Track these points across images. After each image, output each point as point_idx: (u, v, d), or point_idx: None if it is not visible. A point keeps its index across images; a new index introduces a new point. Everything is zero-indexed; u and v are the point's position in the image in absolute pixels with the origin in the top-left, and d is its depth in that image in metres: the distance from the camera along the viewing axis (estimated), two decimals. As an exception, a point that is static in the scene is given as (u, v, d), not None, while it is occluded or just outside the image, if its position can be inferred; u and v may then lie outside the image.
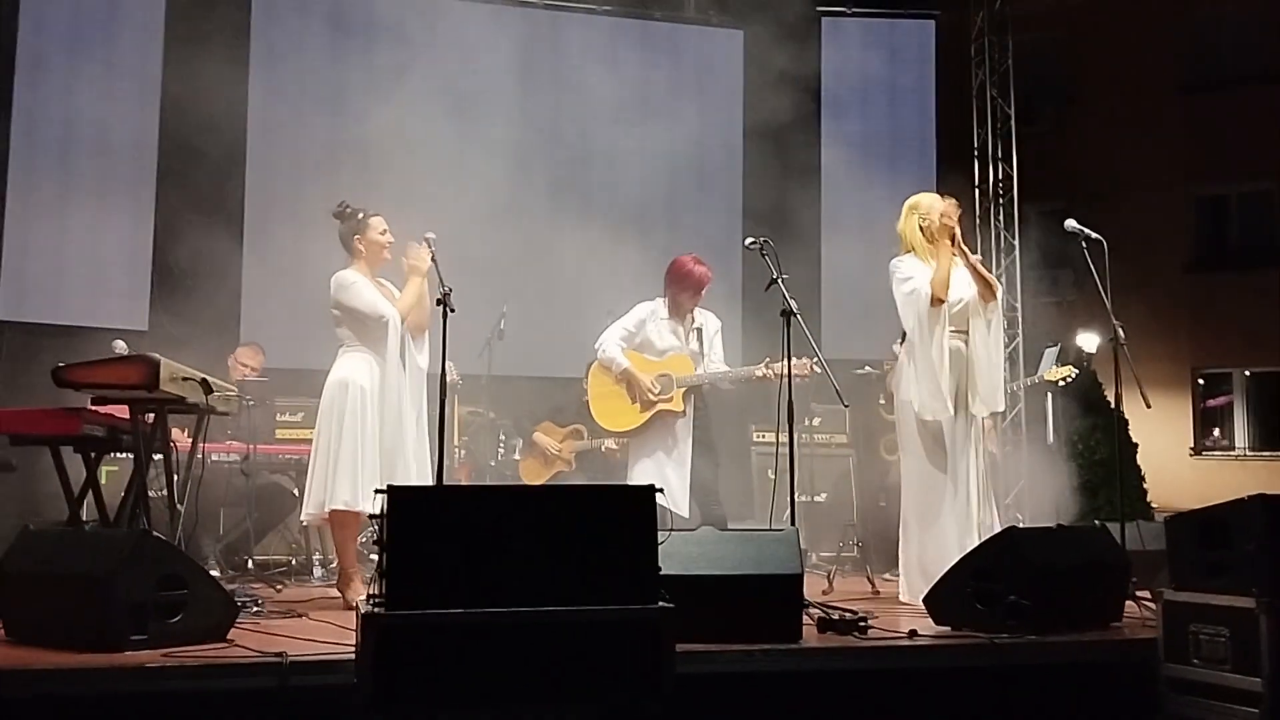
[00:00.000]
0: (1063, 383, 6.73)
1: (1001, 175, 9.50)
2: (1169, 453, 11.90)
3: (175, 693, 3.18)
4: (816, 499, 7.48)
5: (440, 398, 4.71)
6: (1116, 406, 5.52)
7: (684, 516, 5.24)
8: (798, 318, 4.78)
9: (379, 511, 2.99)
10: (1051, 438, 8.93)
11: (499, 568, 2.98)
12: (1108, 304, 5.11)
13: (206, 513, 5.49)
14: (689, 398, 5.46)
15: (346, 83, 8.25)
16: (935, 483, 4.93)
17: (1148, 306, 10.46)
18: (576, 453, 7.18)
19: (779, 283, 4.84)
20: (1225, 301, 12.81)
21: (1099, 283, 5.10)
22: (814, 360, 5.11)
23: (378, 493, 3.04)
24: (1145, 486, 9.03)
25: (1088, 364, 8.96)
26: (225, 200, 7.82)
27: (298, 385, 6.59)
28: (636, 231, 7.82)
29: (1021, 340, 8.99)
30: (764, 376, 5.29)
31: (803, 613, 3.89)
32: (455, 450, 7.02)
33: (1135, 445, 8.68)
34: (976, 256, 5.16)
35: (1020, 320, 9.16)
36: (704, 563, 3.73)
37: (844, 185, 8.92)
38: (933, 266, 4.98)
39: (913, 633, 3.96)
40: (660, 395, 5.40)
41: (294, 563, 6.25)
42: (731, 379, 5.49)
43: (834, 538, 6.87)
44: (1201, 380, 13.53)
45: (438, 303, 4.64)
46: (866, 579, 5.70)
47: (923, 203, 5.15)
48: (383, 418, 4.76)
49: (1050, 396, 8.79)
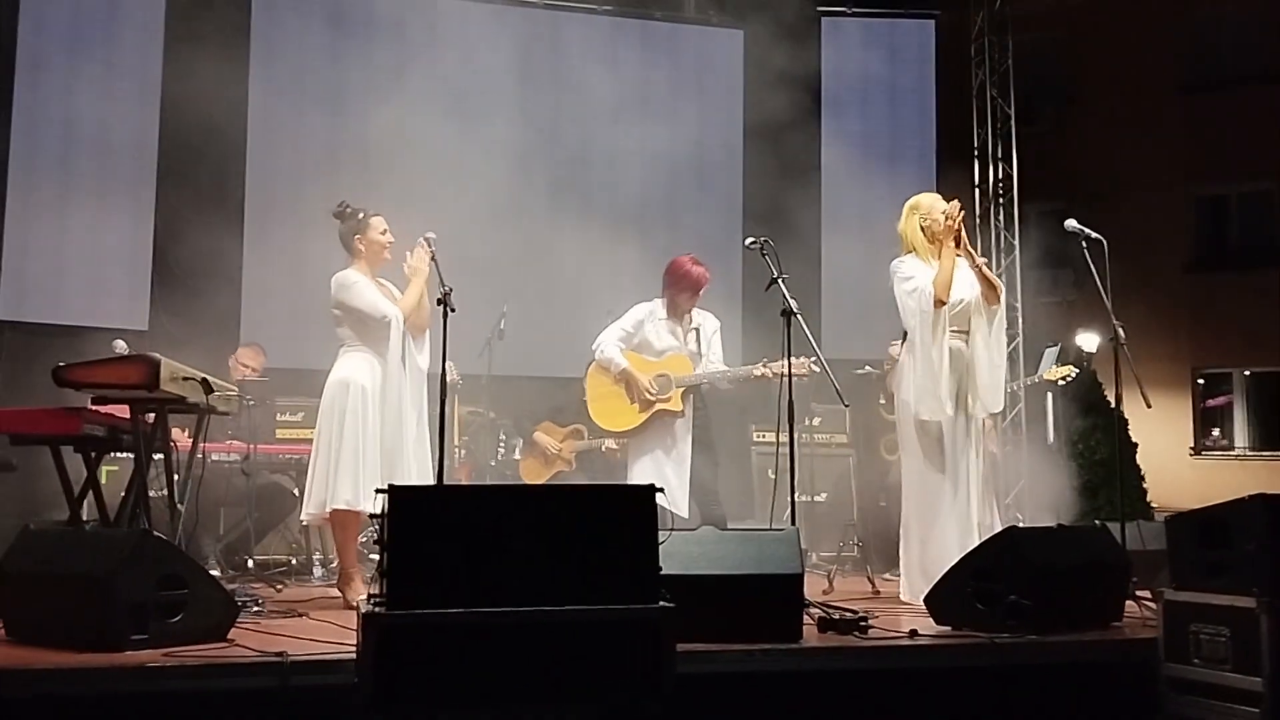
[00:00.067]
0: (1062, 382, 6.73)
1: (1001, 175, 9.50)
2: (1169, 453, 11.90)
3: (175, 693, 3.18)
4: (816, 499, 7.48)
5: (440, 398, 4.71)
6: (1116, 406, 5.52)
7: (683, 517, 5.25)
8: (798, 317, 4.78)
9: (380, 511, 2.99)
10: (1051, 438, 8.94)
11: (500, 567, 2.98)
12: (1108, 304, 5.11)
13: (207, 512, 5.49)
14: (687, 398, 5.46)
15: (346, 83, 8.25)
16: (935, 483, 4.93)
17: (1148, 306, 10.46)
18: (577, 452, 7.19)
19: (779, 282, 4.84)
20: (1225, 301, 12.81)
21: (1099, 283, 5.09)
22: (812, 360, 5.11)
23: (378, 492, 3.04)
24: (1145, 486, 9.04)
25: (1088, 364, 8.96)
26: (225, 200, 7.81)
27: (298, 385, 6.59)
28: (636, 231, 7.82)
29: (1021, 340, 8.98)
30: (762, 376, 5.29)
31: (803, 612, 3.88)
32: (455, 450, 7.01)
33: (1135, 445, 8.68)
34: (981, 259, 5.16)
35: (1020, 320, 9.15)
36: (704, 562, 3.72)
37: (844, 185, 8.93)
38: (934, 267, 4.97)
39: (913, 632, 3.96)
40: (659, 395, 5.40)
41: (294, 562, 6.25)
42: (730, 379, 5.49)
43: (834, 538, 6.87)
44: (1201, 380, 13.54)
45: (438, 303, 4.64)
46: (867, 579, 5.70)
47: (923, 203, 5.14)
48: (383, 417, 4.76)
49: (1050, 396, 8.79)
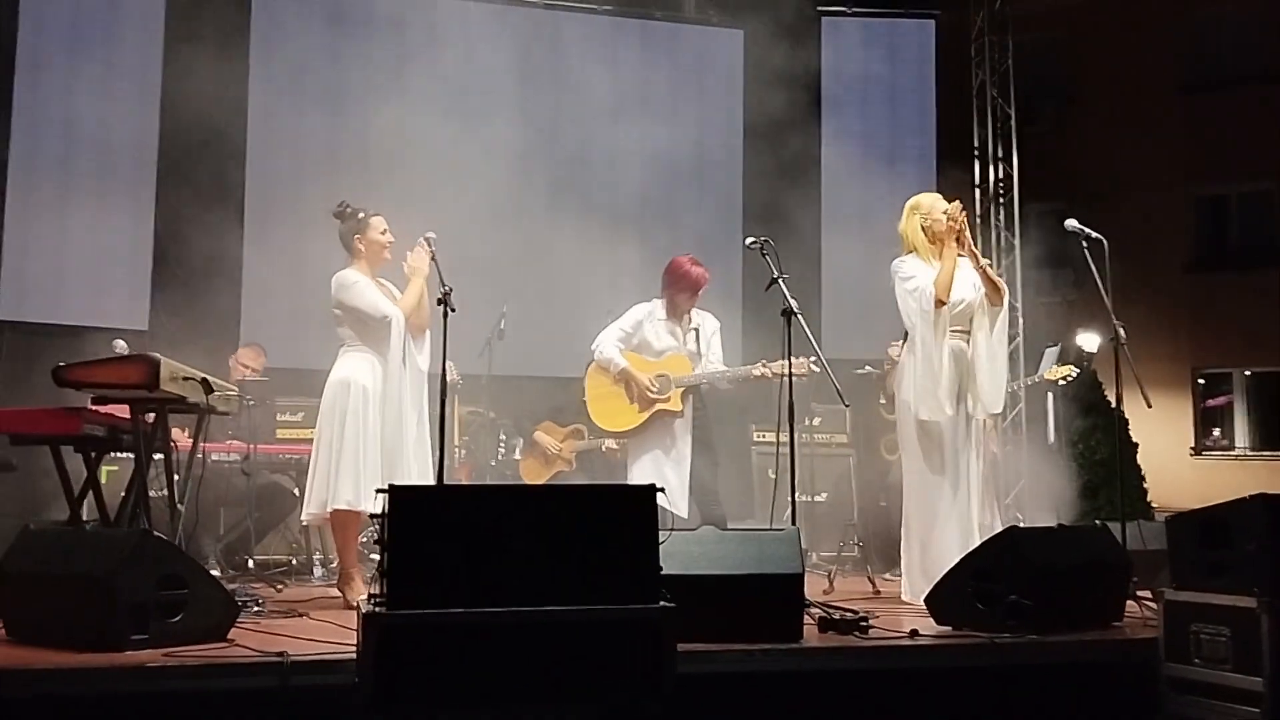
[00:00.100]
0: (1063, 382, 6.73)
1: (1002, 175, 9.49)
2: (1169, 453, 11.90)
3: (176, 692, 3.18)
4: (817, 499, 7.48)
5: (440, 397, 4.71)
6: (1117, 406, 5.51)
7: (682, 517, 5.24)
8: (798, 317, 4.78)
9: (380, 511, 2.99)
10: (1052, 438, 8.93)
11: (500, 567, 2.98)
12: (1108, 304, 5.10)
13: (207, 512, 5.49)
14: (687, 398, 5.46)
15: (346, 82, 8.25)
16: (936, 483, 4.93)
17: (1148, 306, 10.47)
18: (577, 452, 7.19)
19: (779, 282, 4.84)
20: (1225, 301, 12.81)
21: (1099, 282, 5.09)
22: (812, 360, 5.11)
23: (379, 492, 3.04)
24: (1145, 486, 9.04)
25: (1088, 364, 8.96)
26: (225, 200, 7.80)
27: (298, 385, 6.58)
28: (636, 231, 7.82)
29: (1021, 340, 8.98)
30: (761, 376, 5.29)
31: (803, 612, 3.88)
32: (455, 450, 7.01)
33: (1135, 445, 8.68)
34: (985, 260, 5.16)
35: (1020, 320, 9.14)
36: (705, 562, 3.72)
37: (844, 185, 8.93)
38: (935, 267, 4.98)
39: (914, 632, 3.96)
40: (658, 394, 5.40)
41: (294, 562, 6.25)
42: (729, 379, 5.49)
43: (834, 537, 6.87)
44: (1201, 380, 13.54)
45: (438, 302, 4.64)
46: (867, 579, 5.70)
47: (924, 203, 5.14)
48: (384, 418, 4.76)
49: (1050, 396, 8.78)
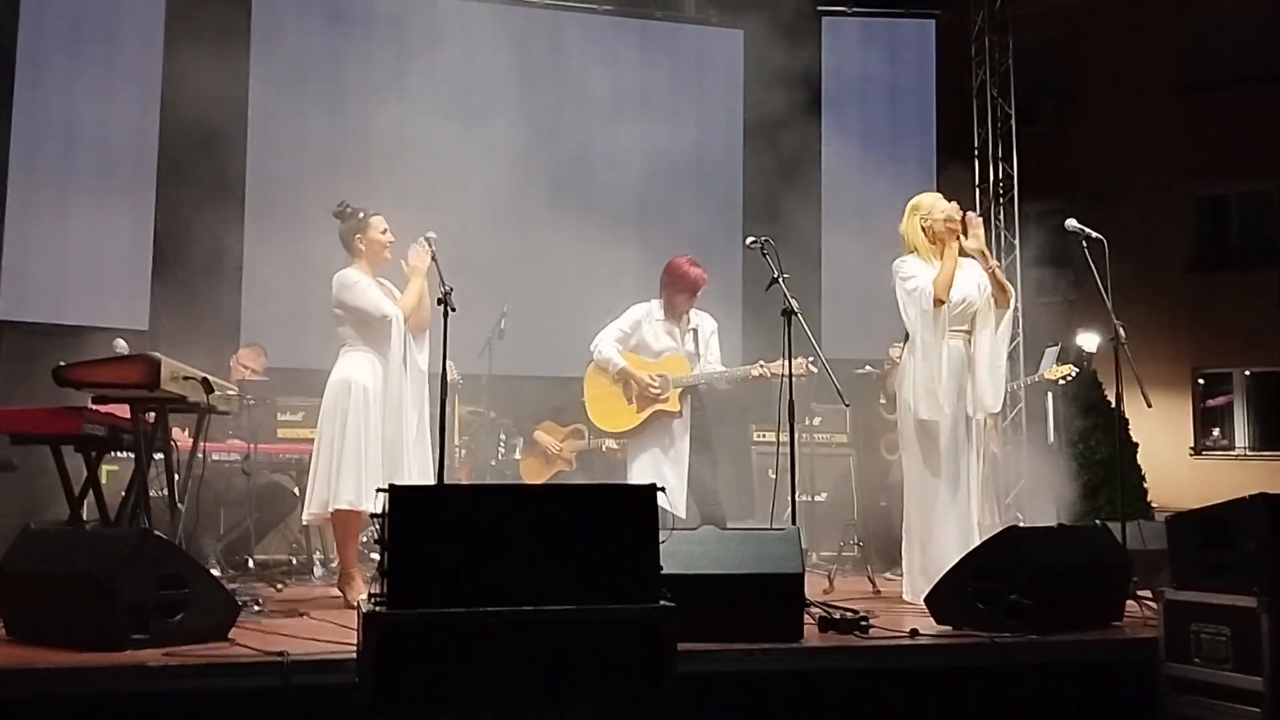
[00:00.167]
0: (1063, 381, 6.73)
1: (1001, 175, 9.49)
2: (1169, 453, 11.90)
3: (176, 692, 3.18)
4: (817, 499, 7.48)
5: (441, 397, 4.71)
6: (1117, 406, 5.51)
7: (681, 517, 5.24)
8: (798, 317, 4.78)
9: (380, 510, 2.99)
10: (1052, 438, 8.93)
11: (500, 567, 2.98)
12: (1108, 303, 5.10)
13: (207, 512, 5.49)
14: (685, 398, 5.46)
15: (347, 83, 8.25)
16: (936, 483, 4.93)
17: (1148, 306, 10.46)
18: (577, 452, 7.19)
19: (780, 282, 4.84)
20: (1225, 301, 12.81)
21: (1099, 282, 5.09)
22: (810, 360, 5.11)
23: (379, 492, 3.04)
24: (1145, 486, 9.03)
25: (1088, 364, 8.96)
26: (226, 199, 7.80)
27: (299, 384, 6.59)
28: (636, 231, 7.83)
29: (1021, 340, 8.97)
30: (760, 376, 5.29)
31: (804, 612, 3.88)
32: (456, 450, 7.01)
33: (1135, 445, 8.68)
34: (994, 262, 5.16)
35: (1020, 320, 9.13)
36: (705, 562, 3.72)
37: (844, 185, 8.93)
38: (936, 266, 4.98)
39: (914, 632, 3.96)
40: (659, 392, 5.41)
41: (295, 562, 6.26)
42: (727, 379, 5.50)
43: (834, 537, 6.88)
44: (1201, 380, 13.53)
45: (438, 302, 4.64)
46: (867, 578, 5.70)
47: (924, 203, 5.15)
48: (385, 417, 4.76)
49: (1050, 396, 8.78)
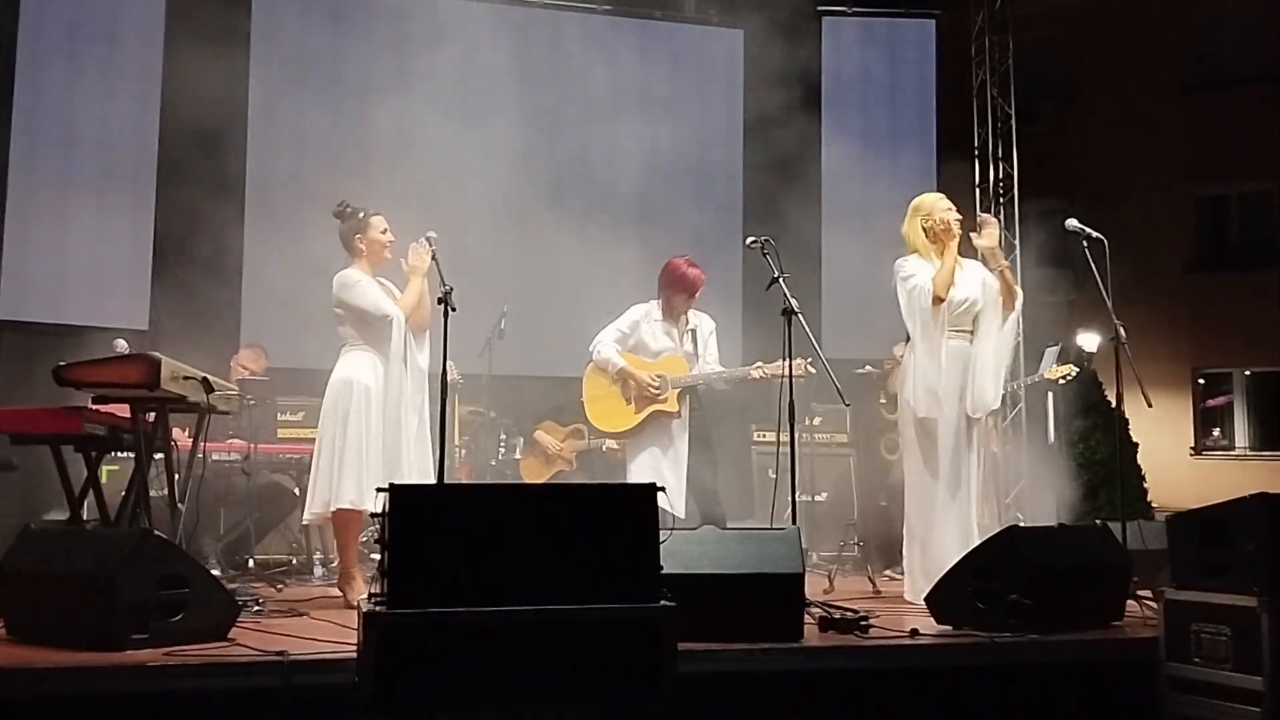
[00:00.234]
0: (1063, 381, 6.73)
1: (1002, 175, 9.49)
2: (1169, 453, 11.89)
3: (176, 692, 3.18)
4: (817, 499, 7.48)
5: (441, 397, 4.71)
6: (1117, 406, 5.51)
7: (681, 517, 5.24)
8: (799, 317, 4.79)
9: (381, 510, 2.99)
10: (1052, 437, 8.93)
11: (500, 566, 2.98)
12: (1108, 303, 5.11)
13: (207, 512, 5.49)
14: (683, 398, 5.47)
15: (347, 82, 8.25)
16: (936, 483, 4.93)
17: (1148, 306, 10.45)
18: (577, 452, 7.19)
19: (780, 282, 4.85)
20: (1225, 301, 12.80)
21: (1099, 282, 5.09)
22: (809, 361, 5.11)
23: (379, 491, 3.04)
24: (1145, 486, 9.02)
25: (1088, 364, 8.95)
26: (226, 199, 7.80)
27: (299, 384, 6.59)
28: (636, 231, 7.82)
29: (1021, 340, 8.92)
30: (761, 378, 5.29)
31: (804, 612, 3.89)
32: (456, 449, 7.01)
33: (1135, 445, 8.67)
34: (1005, 263, 5.16)
35: (1020, 320, 9.11)
36: (705, 562, 3.72)
37: (844, 185, 8.92)
38: (936, 266, 5.00)
39: (914, 632, 3.96)
40: (658, 392, 5.41)
41: (295, 562, 6.25)
42: (726, 379, 5.50)
43: (835, 537, 6.88)
44: (1201, 380, 13.53)
45: (439, 302, 4.64)
46: (867, 578, 5.71)
47: (925, 204, 5.17)
48: (385, 417, 4.76)
49: (1050, 396, 8.78)
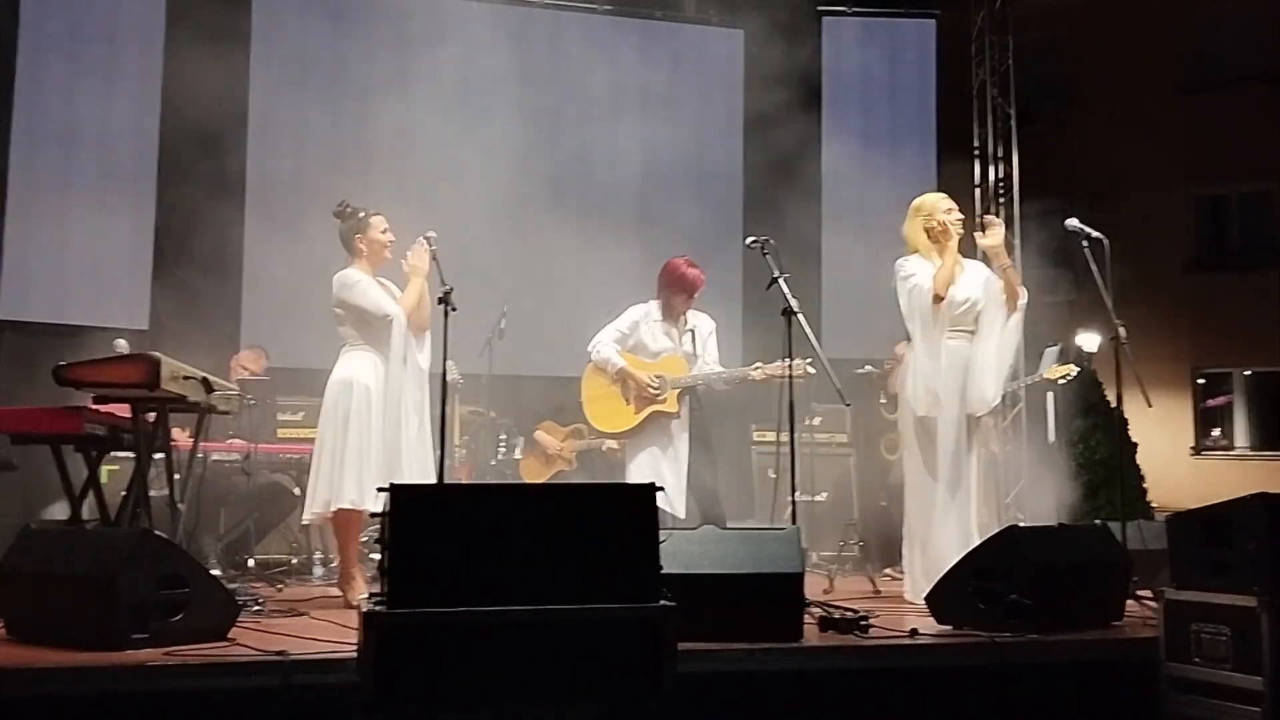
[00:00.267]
0: (1063, 381, 6.72)
1: (1002, 175, 9.49)
2: (1169, 453, 11.89)
3: (176, 692, 3.18)
4: (817, 498, 7.48)
5: (441, 397, 4.71)
6: (1117, 406, 5.51)
7: (681, 517, 5.24)
8: (799, 317, 4.78)
9: (381, 510, 2.99)
10: (1052, 437, 8.92)
11: (500, 566, 2.98)
12: (1108, 303, 5.11)
13: (207, 512, 5.50)
14: (683, 399, 5.46)
15: (347, 83, 8.25)
16: (937, 483, 4.93)
17: (1148, 306, 10.45)
18: (577, 452, 7.19)
19: (780, 282, 4.84)
20: (1225, 301, 12.80)
21: (1099, 282, 5.10)
22: (808, 361, 5.11)
23: (380, 491, 3.04)
24: (1145, 486, 9.02)
25: (1088, 364, 8.95)
26: (226, 199, 7.80)
27: (299, 384, 6.59)
28: (636, 231, 7.83)
29: (1022, 340, 8.96)
30: (759, 379, 5.29)
31: (804, 612, 3.89)
32: (456, 449, 7.01)
33: (1135, 445, 8.66)
34: (1008, 262, 5.15)
35: (1020, 320, 9.11)
36: (705, 561, 3.73)
37: (844, 185, 8.92)
38: (937, 265, 5.00)
39: (914, 632, 3.96)
40: (658, 392, 5.40)
41: (294, 562, 6.26)
42: (725, 380, 5.50)
43: (835, 537, 6.87)
44: (1201, 380, 13.53)
45: (439, 301, 4.64)
46: (867, 578, 5.71)
47: (926, 204, 5.18)
48: (386, 417, 4.77)
49: (1050, 396, 8.77)
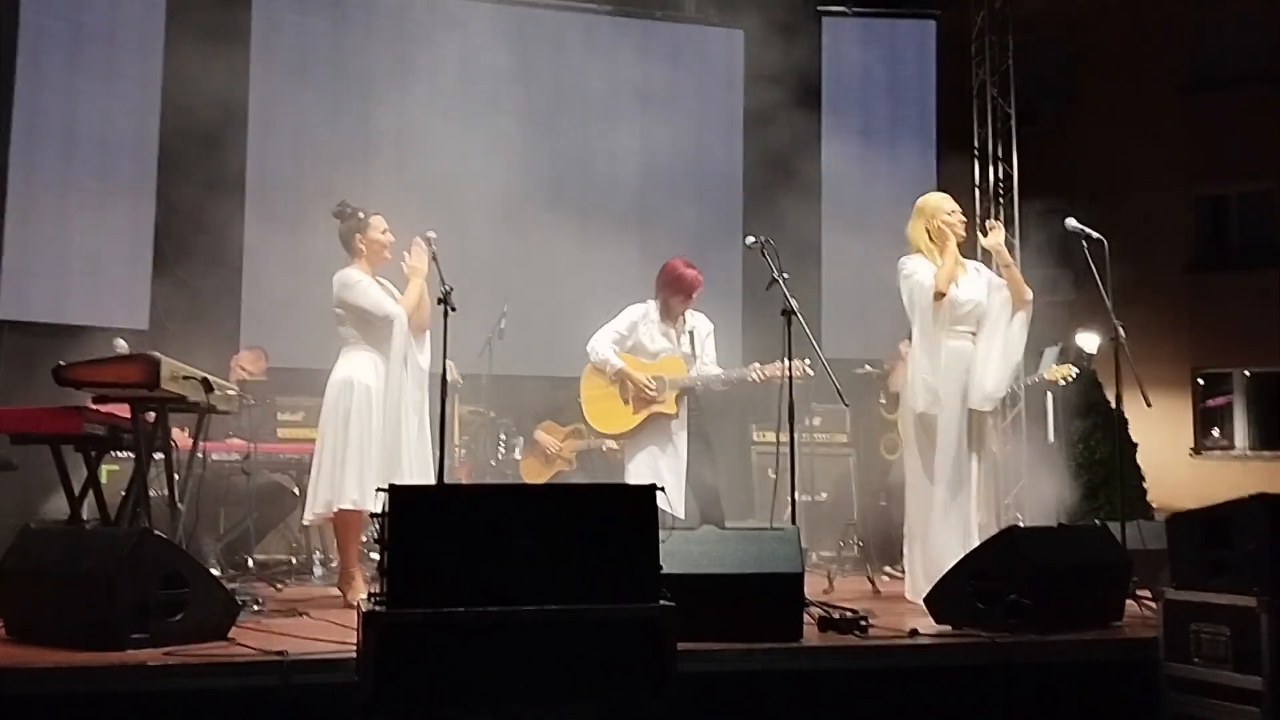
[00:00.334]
0: (1063, 382, 6.71)
1: (1001, 175, 9.49)
2: (1169, 453, 11.88)
3: (176, 691, 3.19)
4: (817, 498, 7.48)
5: (441, 397, 4.71)
6: (1117, 406, 5.51)
7: (680, 517, 5.24)
8: (798, 317, 4.79)
9: (381, 510, 3.00)
10: (1052, 437, 8.92)
11: (500, 566, 2.98)
12: (1108, 303, 5.11)
13: (207, 512, 5.50)
14: (681, 400, 5.46)
15: (347, 82, 8.24)
16: (937, 483, 4.93)
17: (1148, 306, 10.44)
18: (577, 452, 7.19)
19: (779, 282, 4.85)
20: (1225, 301, 12.79)
21: (1099, 282, 5.10)
22: (808, 362, 5.11)
23: (379, 491, 3.04)
24: (1145, 486, 9.03)
25: (1088, 364, 8.95)
26: (226, 198, 7.80)
27: (299, 384, 6.59)
28: (636, 230, 7.83)
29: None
30: (758, 380, 5.29)
31: (804, 612, 3.89)
32: (456, 449, 7.01)
33: (1135, 445, 8.67)
34: (1008, 259, 5.16)
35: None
36: (705, 561, 3.73)
37: (844, 184, 8.92)
38: (939, 265, 5.01)
39: (914, 632, 3.96)
40: (656, 393, 5.40)
41: (294, 562, 6.26)
42: (723, 380, 5.50)
43: (834, 537, 6.88)
44: (1201, 380, 13.52)
45: (439, 302, 4.64)
46: (867, 578, 5.71)
47: (928, 205, 5.19)
48: (386, 417, 4.77)
49: (1050, 396, 8.77)
